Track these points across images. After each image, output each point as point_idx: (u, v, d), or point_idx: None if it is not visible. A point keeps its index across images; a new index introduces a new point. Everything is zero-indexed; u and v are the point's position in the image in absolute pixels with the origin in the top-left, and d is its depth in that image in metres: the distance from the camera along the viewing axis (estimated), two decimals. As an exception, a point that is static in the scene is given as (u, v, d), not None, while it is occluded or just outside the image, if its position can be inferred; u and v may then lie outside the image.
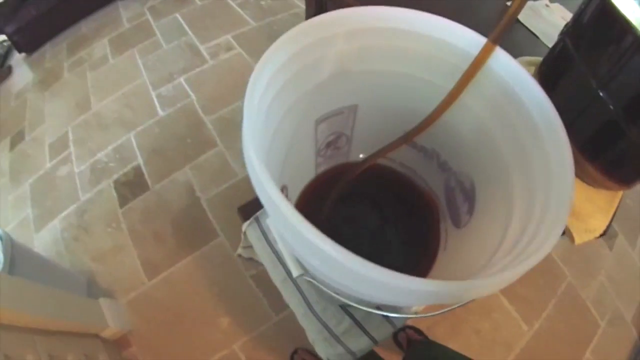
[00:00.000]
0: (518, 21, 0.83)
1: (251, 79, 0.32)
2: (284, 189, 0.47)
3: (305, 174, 0.56)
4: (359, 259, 0.24)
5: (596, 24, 0.46)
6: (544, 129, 0.36)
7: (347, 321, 0.59)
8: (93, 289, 1.34)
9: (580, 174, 0.55)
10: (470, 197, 0.48)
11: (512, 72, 0.38)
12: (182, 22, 2.22)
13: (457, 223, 0.51)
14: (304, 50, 0.37)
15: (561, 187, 0.33)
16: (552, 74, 0.55)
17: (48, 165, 1.76)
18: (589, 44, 0.47)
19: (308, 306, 0.60)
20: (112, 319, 1.16)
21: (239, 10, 2.22)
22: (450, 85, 0.41)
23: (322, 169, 0.59)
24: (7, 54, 2.52)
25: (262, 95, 0.33)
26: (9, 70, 2.42)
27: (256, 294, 1.25)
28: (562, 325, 1.22)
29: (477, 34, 0.39)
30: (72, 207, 1.58)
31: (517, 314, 1.22)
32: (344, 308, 0.61)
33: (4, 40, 2.51)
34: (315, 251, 0.26)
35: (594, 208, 0.57)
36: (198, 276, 1.32)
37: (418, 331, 1.15)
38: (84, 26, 2.45)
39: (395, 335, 1.14)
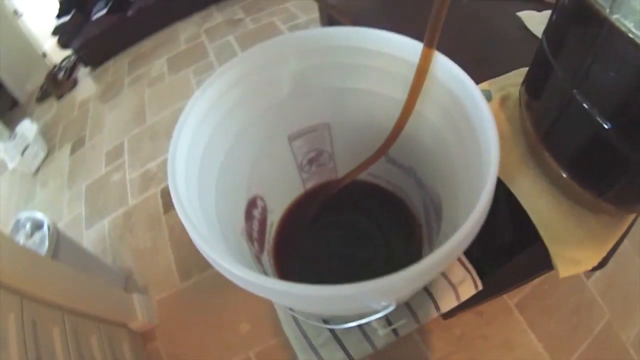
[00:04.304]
0: (533, 35, 0.81)
1: (187, 106, 0.35)
2: (257, 199, 0.50)
3: (291, 188, 0.59)
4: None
5: (566, 16, 0.40)
6: (478, 126, 0.34)
7: (326, 334, 0.60)
8: (130, 284, 1.45)
9: (575, 200, 0.49)
10: (439, 215, 0.47)
11: (451, 74, 0.37)
12: (235, 44, 2.36)
13: (431, 245, 0.51)
14: (256, 71, 0.40)
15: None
16: (534, 82, 0.50)
17: (103, 170, 1.93)
18: (561, 41, 0.42)
19: (291, 314, 0.62)
20: (141, 312, 1.23)
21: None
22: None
23: (310, 184, 0.61)
24: (73, 67, 2.80)
25: (204, 116, 0.36)
26: (75, 82, 2.69)
27: (277, 305, 1.27)
28: (596, 367, 1.12)
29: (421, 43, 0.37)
30: (120, 210, 1.72)
31: (545, 352, 1.13)
32: (325, 321, 0.61)
33: (71, 55, 2.81)
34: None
35: (585, 234, 0.48)
36: (226, 284, 1.36)
37: None
38: (145, 45, 2.68)
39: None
